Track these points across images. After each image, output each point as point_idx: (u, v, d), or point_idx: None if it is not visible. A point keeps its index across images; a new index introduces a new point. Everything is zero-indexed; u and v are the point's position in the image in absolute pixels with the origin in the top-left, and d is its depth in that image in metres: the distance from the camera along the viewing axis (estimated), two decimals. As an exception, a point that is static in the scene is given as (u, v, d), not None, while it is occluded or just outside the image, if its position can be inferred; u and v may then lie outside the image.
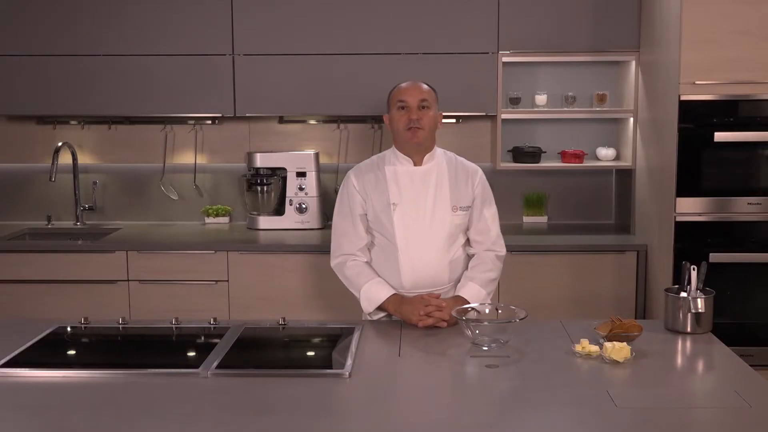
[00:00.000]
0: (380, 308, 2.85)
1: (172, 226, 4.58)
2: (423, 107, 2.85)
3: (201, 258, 4.05)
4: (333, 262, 2.98)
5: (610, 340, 2.43)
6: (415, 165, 2.91)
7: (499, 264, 2.96)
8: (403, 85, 2.92)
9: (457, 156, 3.01)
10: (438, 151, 2.96)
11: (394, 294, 2.82)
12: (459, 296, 2.82)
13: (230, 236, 4.29)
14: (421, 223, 2.86)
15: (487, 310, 2.64)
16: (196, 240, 4.18)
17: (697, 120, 3.64)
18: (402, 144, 2.91)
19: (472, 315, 2.59)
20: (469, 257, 2.98)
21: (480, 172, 2.98)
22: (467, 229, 2.95)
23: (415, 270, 2.86)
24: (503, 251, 2.98)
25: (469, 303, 2.75)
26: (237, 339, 2.57)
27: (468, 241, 2.98)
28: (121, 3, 4.20)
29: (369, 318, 2.91)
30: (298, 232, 4.35)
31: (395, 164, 2.92)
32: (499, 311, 2.62)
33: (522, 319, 2.51)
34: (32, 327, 2.68)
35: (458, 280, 2.93)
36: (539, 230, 4.40)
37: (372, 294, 2.84)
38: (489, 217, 2.95)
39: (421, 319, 2.69)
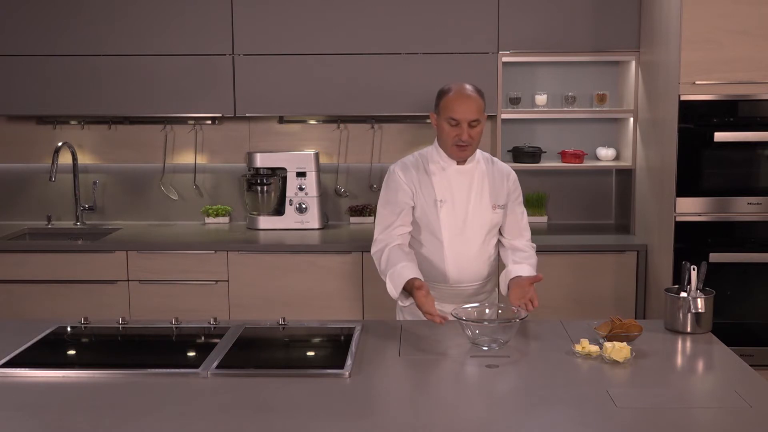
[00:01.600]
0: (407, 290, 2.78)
1: (172, 226, 4.58)
2: (473, 126, 2.86)
3: (201, 258, 4.05)
4: (372, 250, 2.98)
5: (610, 340, 2.43)
6: (458, 164, 2.96)
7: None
8: (454, 96, 2.86)
9: (492, 156, 3.09)
10: (477, 152, 3.01)
11: (416, 277, 2.75)
12: (520, 276, 2.83)
13: (230, 236, 4.29)
14: (465, 219, 2.94)
15: (487, 311, 2.64)
16: (196, 240, 4.18)
17: (697, 120, 3.64)
18: (445, 149, 2.94)
19: (473, 315, 2.59)
20: (499, 253, 3.08)
21: (513, 173, 3.07)
22: (501, 227, 3.04)
23: (459, 264, 2.94)
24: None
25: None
26: (237, 339, 2.57)
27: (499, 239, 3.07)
28: (121, 3, 4.21)
29: (401, 304, 2.85)
30: (298, 232, 4.35)
31: (440, 162, 2.96)
32: (500, 311, 2.62)
33: (522, 319, 2.51)
34: (32, 327, 2.68)
35: (492, 275, 3.05)
36: (539, 230, 4.39)
37: (395, 278, 2.80)
38: (521, 215, 3.06)
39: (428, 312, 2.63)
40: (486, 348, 2.47)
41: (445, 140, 2.90)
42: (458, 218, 2.94)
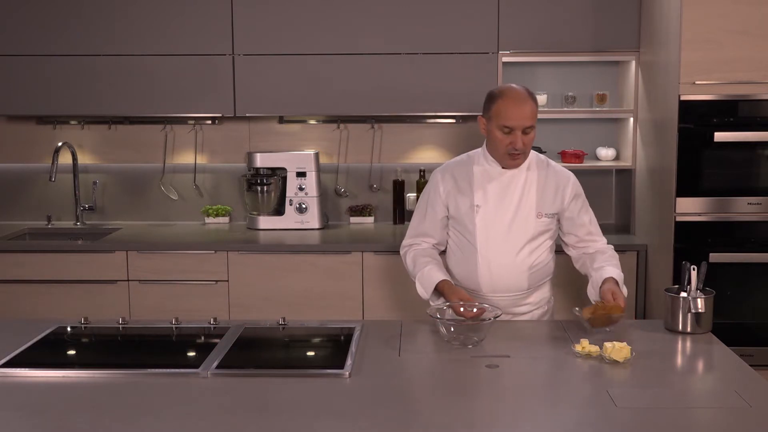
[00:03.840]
0: (439, 291, 2.80)
1: (172, 226, 4.58)
2: (527, 132, 2.73)
3: (201, 258, 4.05)
4: (401, 251, 3.00)
5: (593, 323, 2.50)
6: (503, 167, 2.83)
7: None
8: (507, 101, 2.72)
9: (550, 160, 2.91)
10: (529, 155, 2.85)
11: (446, 279, 2.78)
12: (611, 278, 2.70)
13: (230, 236, 4.29)
14: (503, 227, 2.80)
15: (461, 309, 2.63)
16: (196, 240, 4.18)
17: (697, 120, 3.64)
18: (497, 157, 2.82)
19: (447, 313, 2.60)
20: (568, 261, 2.98)
21: (573, 178, 2.88)
22: (570, 238, 2.92)
23: (492, 274, 2.81)
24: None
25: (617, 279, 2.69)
26: (237, 339, 2.57)
27: (560, 248, 2.96)
28: (121, 3, 4.21)
29: (432, 303, 2.81)
30: (298, 232, 4.35)
31: (484, 165, 2.85)
32: (475, 310, 2.62)
33: (497, 317, 2.50)
34: (32, 327, 2.68)
35: (537, 287, 2.91)
36: (539, 230, 4.39)
37: (425, 281, 2.82)
38: (590, 223, 2.92)
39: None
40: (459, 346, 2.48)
41: (496, 148, 2.76)
42: (495, 225, 2.79)
